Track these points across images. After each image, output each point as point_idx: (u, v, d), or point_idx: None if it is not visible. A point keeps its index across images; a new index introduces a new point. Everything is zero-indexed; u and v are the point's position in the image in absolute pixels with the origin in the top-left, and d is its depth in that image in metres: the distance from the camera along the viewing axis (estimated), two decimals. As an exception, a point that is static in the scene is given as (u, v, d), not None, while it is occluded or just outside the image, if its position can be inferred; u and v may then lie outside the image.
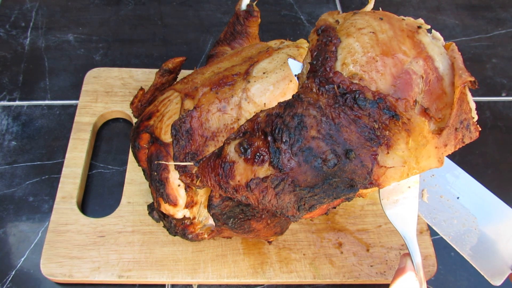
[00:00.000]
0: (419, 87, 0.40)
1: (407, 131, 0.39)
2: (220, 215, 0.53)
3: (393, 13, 0.47)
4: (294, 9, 1.03)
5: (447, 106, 0.41)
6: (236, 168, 0.40)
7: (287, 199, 0.39)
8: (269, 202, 0.40)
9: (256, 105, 0.56)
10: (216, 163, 0.42)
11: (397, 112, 0.38)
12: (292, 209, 0.39)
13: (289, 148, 0.38)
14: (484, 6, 1.09)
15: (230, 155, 0.41)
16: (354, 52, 0.41)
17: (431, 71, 0.41)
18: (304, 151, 0.38)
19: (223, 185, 0.41)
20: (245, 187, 0.40)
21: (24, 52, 0.88)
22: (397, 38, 0.41)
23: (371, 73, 0.40)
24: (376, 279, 0.65)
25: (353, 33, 0.42)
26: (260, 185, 0.39)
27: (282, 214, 0.40)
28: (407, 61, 0.40)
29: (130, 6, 0.99)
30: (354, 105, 0.39)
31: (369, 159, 0.39)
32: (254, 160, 0.39)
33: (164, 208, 0.55)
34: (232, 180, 0.41)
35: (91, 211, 0.70)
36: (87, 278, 0.61)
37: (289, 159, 0.38)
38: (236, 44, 0.70)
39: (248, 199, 0.41)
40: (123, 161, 0.74)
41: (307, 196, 0.39)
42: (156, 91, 0.63)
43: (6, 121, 0.79)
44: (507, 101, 0.92)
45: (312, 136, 0.38)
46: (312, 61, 0.42)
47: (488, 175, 0.81)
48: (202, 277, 0.63)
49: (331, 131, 0.39)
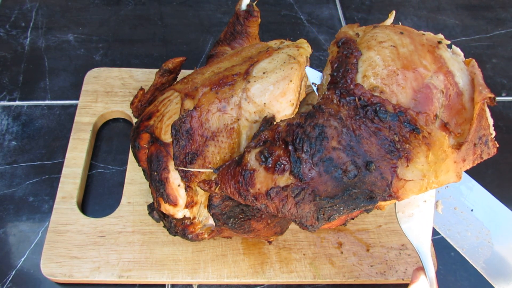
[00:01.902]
0: (440, 101, 0.41)
1: (427, 145, 0.39)
2: (220, 215, 0.53)
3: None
4: (294, 9, 1.03)
5: (466, 122, 0.41)
6: (257, 176, 0.41)
7: (307, 209, 0.39)
8: (289, 211, 0.40)
9: (256, 105, 0.56)
10: (236, 170, 0.42)
11: (418, 125, 0.39)
12: (311, 219, 0.40)
13: (310, 158, 0.39)
14: (484, 6, 1.09)
15: (250, 163, 0.42)
16: (375, 65, 0.41)
17: (451, 86, 0.42)
18: (325, 161, 0.39)
19: (242, 193, 0.42)
20: (265, 195, 0.40)
21: (24, 52, 0.88)
22: (417, 53, 0.42)
23: (392, 86, 0.40)
24: (376, 279, 0.65)
25: (374, 46, 0.43)
26: (280, 194, 0.40)
27: (300, 223, 0.41)
28: (428, 75, 0.41)
29: (130, 6, 0.99)
30: (374, 117, 0.39)
31: (389, 172, 0.39)
32: (274, 169, 0.40)
33: (164, 208, 0.55)
34: (252, 188, 0.41)
35: (91, 211, 0.70)
36: (87, 278, 0.61)
37: (310, 169, 0.39)
38: (236, 44, 0.70)
39: (268, 207, 0.41)
40: (123, 161, 0.74)
41: (327, 206, 0.39)
42: (156, 91, 0.63)
43: (6, 121, 0.79)
44: (507, 101, 0.92)
45: (333, 147, 0.39)
46: (333, 73, 0.43)
47: (488, 175, 0.81)
48: (202, 277, 0.63)
49: (351, 142, 0.39)
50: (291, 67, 0.58)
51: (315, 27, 1.00)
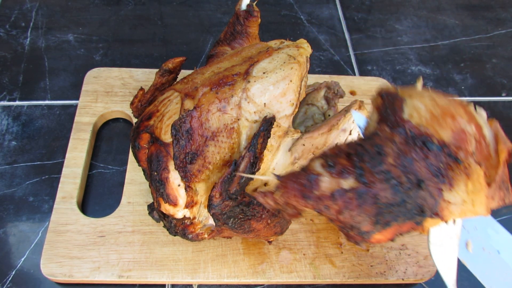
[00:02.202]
0: (473, 145, 0.46)
1: (467, 175, 0.45)
2: (220, 215, 0.53)
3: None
4: (294, 9, 1.03)
5: (492, 167, 0.47)
6: (322, 179, 0.44)
7: (367, 211, 0.43)
8: (350, 212, 0.43)
9: (256, 105, 0.56)
10: (301, 175, 0.45)
11: (459, 157, 0.45)
12: (369, 223, 0.44)
13: (372, 167, 0.43)
14: (484, 6, 1.09)
15: (316, 169, 0.45)
16: (418, 109, 0.47)
17: (480, 136, 0.48)
18: (385, 173, 0.43)
19: (306, 194, 0.44)
20: (329, 196, 0.43)
21: (24, 52, 0.88)
22: (452, 105, 0.48)
23: (435, 126, 0.46)
24: (376, 279, 0.65)
25: (415, 95, 0.49)
26: (344, 196, 0.43)
27: (357, 228, 0.44)
28: (463, 122, 0.47)
29: (130, 6, 0.99)
30: (423, 147, 0.45)
31: (436, 192, 0.44)
32: (339, 174, 0.44)
33: (164, 208, 0.55)
34: (317, 190, 0.44)
35: (91, 211, 0.70)
36: (87, 278, 0.61)
37: (372, 176, 0.43)
38: (236, 44, 0.70)
39: (329, 209, 0.43)
40: (123, 161, 0.74)
41: (385, 211, 0.43)
42: (156, 91, 0.63)
43: (6, 121, 0.79)
44: (507, 101, 0.92)
45: (390, 163, 0.44)
46: (381, 112, 0.48)
47: (488, 175, 0.81)
48: (202, 277, 0.63)
49: (405, 162, 0.44)
50: (291, 67, 0.58)
51: (315, 27, 1.00)
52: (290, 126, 0.62)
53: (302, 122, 0.71)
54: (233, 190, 0.52)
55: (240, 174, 0.53)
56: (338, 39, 0.98)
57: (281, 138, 0.61)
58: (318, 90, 0.73)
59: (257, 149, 0.54)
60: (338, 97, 0.73)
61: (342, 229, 0.46)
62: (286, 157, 0.62)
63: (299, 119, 0.71)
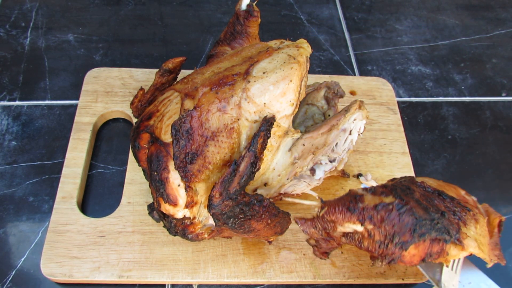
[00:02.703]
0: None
1: (475, 220, 0.55)
2: (220, 214, 0.53)
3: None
4: (294, 9, 1.03)
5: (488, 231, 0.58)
6: (365, 196, 0.53)
7: (406, 220, 0.51)
8: (391, 221, 0.51)
9: (256, 105, 0.56)
10: (346, 196, 0.54)
11: (469, 206, 0.56)
12: (408, 232, 0.51)
13: (405, 195, 0.53)
14: (484, 6, 1.09)
15: (359, 191, 0.54)
16: (428, 180, 0.59)
17: (475, 204, 0.59)
18: (416, 200, 0.53)
19: (352, 207, 0.52)
20: (373, 207, 0.51)
21: (24, 52, 0.88)
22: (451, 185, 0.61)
23: (443, 189, 0.58)
24: (376, 279, 0.65)
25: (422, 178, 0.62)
26: (386, 207, 0.51)
27: (397, 237, 0.51)
28: (463, 192, 0.60)
29: (130, 6, 0.99)
30: (439, 196, 0.55)
31: (456, 221, 0.53)
32: (380, 194, 0.53)
33: (164, 208, 0.55)
34: (362, 203, 0.52)
35: (91, 211, 0.70)
36: (87, 278, 0.61)
37: (406, 197, 0.52)
38: (236, 44, 0.70)
39: (372, 218, 0.51)
40: (123, 161, 0.74)
41: (421, 223, 0.51)
42: (156, 91, 0.63)
43: (6, 121, 0.79)
44: (507, 101, 0.92)
45: (418, 196, 0.54)
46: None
47: (488, 175, 0.81)
48: (202, 277, 0.63)
49: (429, 199, 0.54)
50: (291, 67, 0.58)
51: (315, 27, 1.00)
52: (290, 126, 0.62)
53: (302, 122, 0.71)
54: (233, 190, 0.52)
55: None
56: (338, 39, 0.98)
57: (281, 138, 0.61)
58: (318, 90, 0.73)
59: (257, 149, 0.54)
60: (338, 97, 0.72)
61: (379, 245, 0.52)
62: (286, 157, 0.62)
63: (299, 119, 0.71)
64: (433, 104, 0.90)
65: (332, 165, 0.66)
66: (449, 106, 0.90)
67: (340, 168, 0.68)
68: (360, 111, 0.65)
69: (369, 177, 0.73)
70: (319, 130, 0.64)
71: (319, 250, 0.59)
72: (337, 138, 0.65)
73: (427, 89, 0.91)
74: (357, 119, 0.65)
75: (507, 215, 0.76)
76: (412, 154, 0.80)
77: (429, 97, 0.90)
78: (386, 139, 0.79)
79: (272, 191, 0.64)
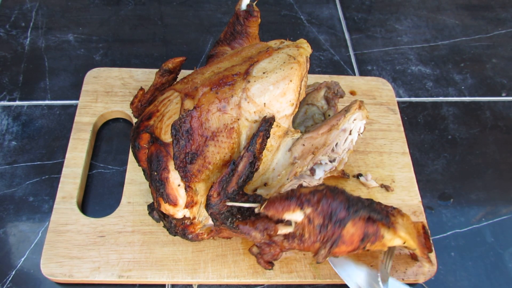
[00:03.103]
0: None
1: (401, 214, 0.60)
2: (218, 214, 0.53)
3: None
4: (294, 9, 1.03)
5: None
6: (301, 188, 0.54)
7: (340, 199, 0.53)
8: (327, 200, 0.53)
9: (256, 105, 0.56)
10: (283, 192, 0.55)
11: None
12: (344, 209, 0.53)
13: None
14: (484, 6, 1.09)
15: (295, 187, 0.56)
16: None
17: None
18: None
19: (289, 196, 0.53)
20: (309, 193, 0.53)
21: (24, 52, 0.88)
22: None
23: None
24: (376, 279, 0.65)
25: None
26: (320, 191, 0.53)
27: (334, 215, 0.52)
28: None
29: (130, 6, 0.99)
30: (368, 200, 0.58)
31: (385, 210, 0.58)
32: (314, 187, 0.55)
33: (164, 208, 0.55)
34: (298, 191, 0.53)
35: (91, 211, 0.70)
36: (87, 278, 0.61)
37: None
38: (236, 44, 0.70)
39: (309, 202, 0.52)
40: (123, 161, 0.74)
41: (353, 201, 0.54)
42: (156, 91, 0.63)
43: (6, 121, 0.79)
44: (507, 101, 0.92)
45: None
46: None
47: (488, 175, 0.81)
48: (202, 277, 0.63)
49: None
50: (291, 67, 0.58)
51: (315, 27, 1.00)
52: (290, 126, 0.62)
53: (302, 122, 0.71)
54: (231, 190, 0.52)
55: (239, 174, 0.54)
56: (338, 39, 0.98)
57: (281, 138, 0.61)
58: (318, 90, 0.73)
59: (256, 149, 0.54)
60: (338, 97, 0.72)
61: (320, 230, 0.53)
62: (286, 157, 0.62)
63: (299, 119, 0.71)
64: (433, 104, 0.90)
65: (332, 165, 0.66)
66: (449, 106, 0.90)
67: (340, 168, 0.68)
68: (360, 111, 0.65)
69: (369, 177, 0.73)
70: (319, 130, 0.64)
71: (263, 258, 0.58)
72: (337, 138, 0.65)
73: (427, 89, 0.91)
74: (357, 119, 0.65)
75: (507, 215, 0.76)
76: (412, 154, 0.80)
77: (429, 97, 0.90)
78: (386, 139, 0.79)
79: (272, 191, 0.64)
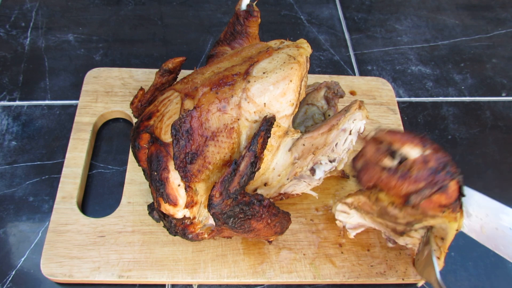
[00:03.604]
0: None
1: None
2: (220, 214, 0.53)
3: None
4: (294, 9, 1.03)
5: None
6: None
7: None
8: (444, 151, 0.54)
9: (256, 105, 0.56)
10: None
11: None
12: (455, 165, 0.53)
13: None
14: (484, 6, 1.09)
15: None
16: None
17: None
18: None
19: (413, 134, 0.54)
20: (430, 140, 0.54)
21: (24, 52, 0.88)
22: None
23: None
24: (376, 279, 0.65)
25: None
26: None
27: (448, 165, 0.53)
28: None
29: (130, 6, 0.99)
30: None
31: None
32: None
33: (164, 208, 0.55)
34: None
35: (91, 211, 0.70)
36: (87, 278, 0.61)
37: None
38: (236, 44, 0.70)
39: (433, 144, 0.54)
40: (123, 161, 0.74)
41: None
42: (156, 91, 0.63)
43: (6, 121, 0.79)
44: (507, 101, 0.92)
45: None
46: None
47: (488, 175, 0.81)
48: (202, 277, 0.63)
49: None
50: (291, 67, 0.58)
51: (315, 27, 1.00)
52: (290, 126, 0.62)
53: (302, 122, 0.71)
54: (233, 190, 0.52)
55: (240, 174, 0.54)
56: (338, 39, 0.98)
57: (281, 138, 0.61)
58: (318, 90, 0.73)
59: (257, 149, 0.54)
60: (338, 97, 0.72)
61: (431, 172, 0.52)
62: (286, 157, 0.62)
63: (299, 119, 0.71)
64: (433, 104, 0.90)
65: (332, 165, 0.66)
66: (449, 106, 0.90)
67: (340, 168, 0.68)
68: (360, 111, 0.65)
69: None
70: (319, 130, 0.64)
71: (360, 176, 0.58)
72: (337, 138, 0.65)
73: (427, 89, 0.91)
74: (357, 119, 0.65)
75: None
76: (412, 154, 0.80)
77: (429, 97, 0.90)
78: (386, 139, 0.79)
79: (272, 191, 0.64)
